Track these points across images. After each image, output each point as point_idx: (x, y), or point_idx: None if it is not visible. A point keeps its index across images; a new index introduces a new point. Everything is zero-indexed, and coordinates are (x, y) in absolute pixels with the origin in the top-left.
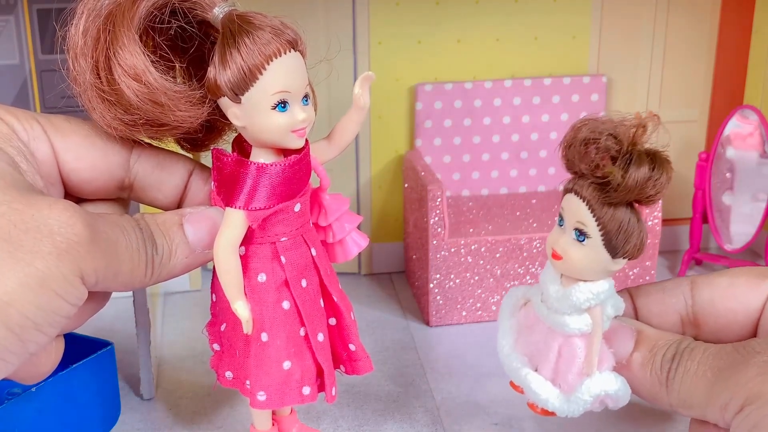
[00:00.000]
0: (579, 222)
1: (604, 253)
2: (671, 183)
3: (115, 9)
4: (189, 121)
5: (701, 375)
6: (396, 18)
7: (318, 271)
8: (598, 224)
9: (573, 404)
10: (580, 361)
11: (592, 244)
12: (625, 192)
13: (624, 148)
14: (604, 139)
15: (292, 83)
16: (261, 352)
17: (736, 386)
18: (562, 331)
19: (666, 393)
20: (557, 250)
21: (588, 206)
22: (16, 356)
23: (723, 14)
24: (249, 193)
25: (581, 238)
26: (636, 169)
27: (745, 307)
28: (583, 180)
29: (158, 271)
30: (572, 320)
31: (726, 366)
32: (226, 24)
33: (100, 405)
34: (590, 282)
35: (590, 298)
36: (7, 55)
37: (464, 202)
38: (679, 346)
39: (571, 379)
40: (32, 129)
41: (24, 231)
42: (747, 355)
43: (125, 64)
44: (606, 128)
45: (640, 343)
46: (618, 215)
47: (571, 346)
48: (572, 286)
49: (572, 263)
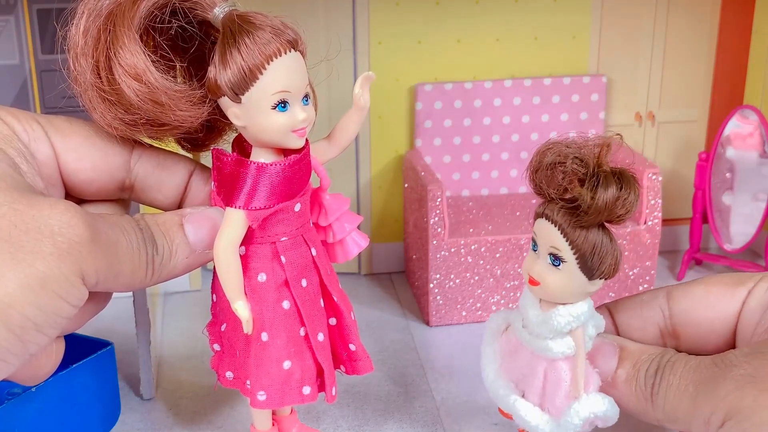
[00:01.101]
0: (553, 247)
1: (580, 276)
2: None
3: (115, 9)
4: (189, 120)
5: (683, 389)
6: (396, 18)
7: (318, 270)
8: (571, 248)
9: (563, 429)
10: (566, 385)
11: (567, 268)
12: (596, 214)
13: (590, 170)
14: (569, 162)
15: (292, 83)
16: (261, 351)
17: (716, 400)
18: (545, 356)
19: (652, 408)
20: (534, 276)
21: (560, 231)
22: (16, 357)
23: (723, 14)
24: (249, 192)
25: (556, 262)
26: (604, 191)
27: (722, 315)
28: (553, 204)
29: (159, 271)
30: (555, 344)
31: (706, 379)
32: (227, 24)
33: (100, 405)
34: (569, 305)
35: (571, 321)
36: (7, 55)
37: (464, 202)
38: (661, 360)
39: (559, 403)
40: (33, 130)
41: (25, 232)
42: (725, 368)
43: (126, 64)
44: (571, 151)
45: (623, 359)
46: (591, 237)
47: (556, 370)
48: (552, 310)
49: (549, 288)
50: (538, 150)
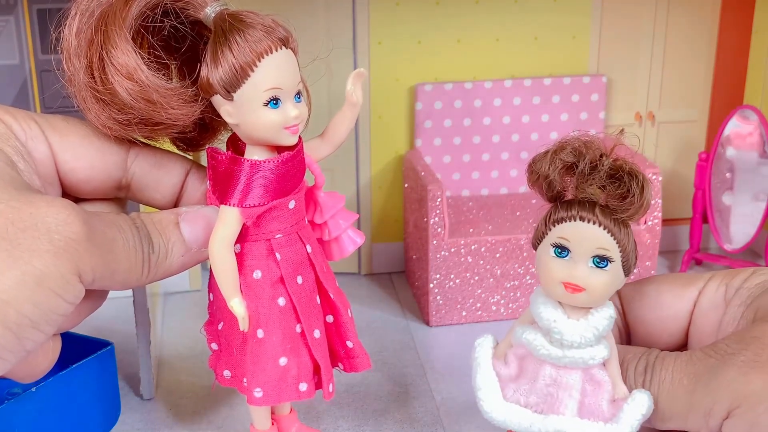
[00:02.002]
0: (600, 248)
1: (621, 275)
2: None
3: (107, 9)
4: (182, 119)
5: (677, 383)
6: (396, 18)
7: (314, 268)
8: (618, 246)
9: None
10: (609, 387)
11: (613, 268)
12: (643, 210)
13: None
14: (606, 161)
15: (283, 80)
16: (257, 348)
17: (719, 390)
18: (584, 365)
19: None
20: (577, 283)
21: (607, 230)
22: (13, 354)
23: (723, 14)
24: (243, 190)
25: (603, 264)
26: (648, 186)
27: (673, 315)
28: (586, 205)
29: (155, 269)
30: (596, 351)
31: (702, 371)
32: (218, 23)
33: (100, 405)
34: (603, 307)
35: (610, 323)
36: (7, 55)
37: (464, 202)
38: (648, 357)
39: (606, 408)
40: (30, 129)
41: (22, 229)
42: (722, 357)
43: (117, 63)
44: (595, 149)
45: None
46: (630, 234)
47: (593, 378)
48: (589, 315)
49: (597, 291)
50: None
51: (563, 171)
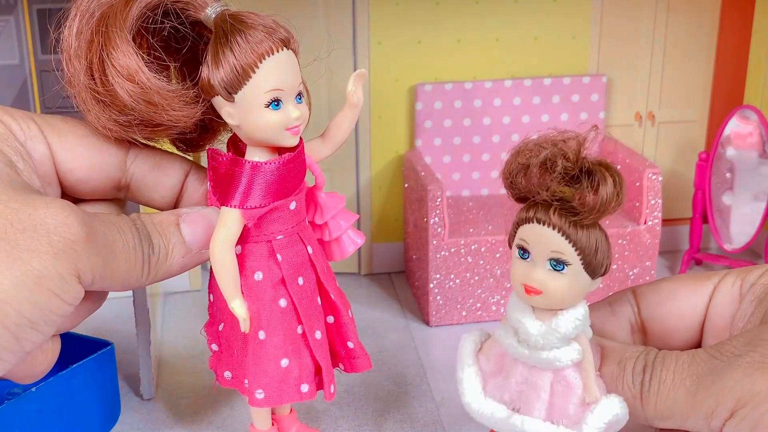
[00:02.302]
0: (555, 251)
1: (584, 277)
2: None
3: (107, 10)
4: (183, 120)
5: (679, 384)
6: (396, 18)
7: (315, 269)
8: (575, 249)
9: None
10: (579, 391)
11: (572, 271)
12: (600, 211)
13: (577, 167)
14: (560, 161)
15: (284, 81)
16: (258, 350)
17: (722, 391)
18: (551, 367)
19: (641, 406)
20: (534, 285)
21: (561, 233)
22: (12, 354)
23: (723, 14)
24: (244, 191)
25: (559, 267)
26: (604, 186)
27: (689, 310)
28: (543, 207)
29: (155, 270)
30: (562, 353)
31: (706, 372)
32: (219, 24)
33: (100, 405)
34: (571, 309)
35: (578, 325)
36: (7, 55)
37: (464, 202)
38: (647, 357)
39: (573, 412)
40: (29, 129)
41: (21, 230)
42: (728, 359)
43: (118, 65)
44: (551, 150)
45: (605, 358)
46: (592, 236)
47: (564, 379)
48: (554, 317)
49: (554, 295)
50: (512, 153)
51: (521, 172)
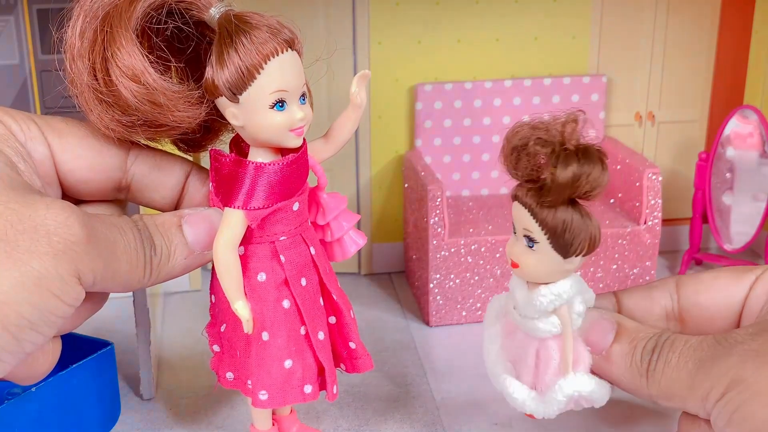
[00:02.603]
0: (525, 229)
1: (554, 255)
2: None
3: (112, 10)
4: (187, 121)
5: (682, 366)
6: (396, 18)
7: (317, 269)
8: (541, 228)
9: (547, 405)
10: (555, 363)
11: (541, 249)
12: (558, 192)
13: (555, 149)
14: (531, 144)
15: (289, 82)
16: (262, 351)
17: (718, 375)
18: (535, 336)
19: (646, 384)
20: (513, 259)
21: (530, 211)
22: (12, 356)
23: (723, 14)
24: (247, 192)
25: (530, 244)
26: (563, 169)
27: (728, 299)
28: (523, 186)
29: (157, 272)
30: (541, 323)
31: (707, 357)
32: (223, 24)
33: (100, 405)
34: (550, 284)
35: (553, 300)
36: (7, 55)
37: (464, 202)
38: (659, 338)
39: (548, 381)
40: (29, 130)
41: (21, 231)
42: (729, 345)
43: (123, 65)
44: (534, 133)
45: (620, 335)
46: (559, 216)
47: (546, 349)
48: (534, 290)
49: (527, 269)
50: (506, 134)
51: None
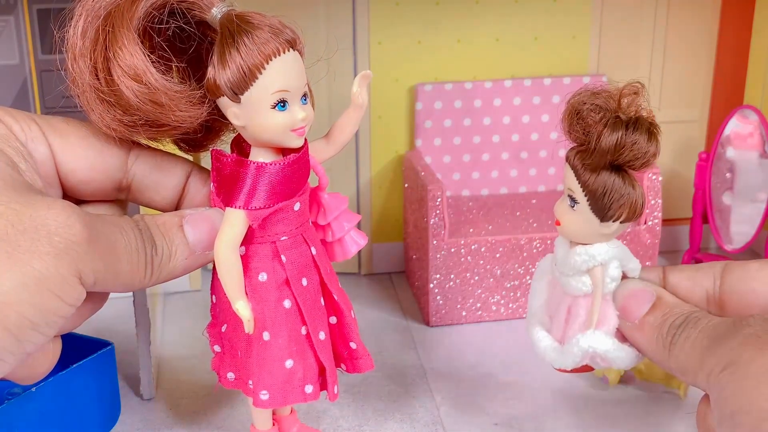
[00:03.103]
0: (568, 188)
1: (592, 218)
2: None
3: (113, 10)
4: (189, 121)
5: (698, 342)
6: (396, 18)
7: (318, 269)
8: (582, 189)
9: (565, 356)
10: (581, 319)
11: (580, 209)
12: (600, 155)
13: (606, 115)
14: (586, 108)
15: (291, 82)
16: (263, 351)
17: (721, 354)
18: (569, 292)
19: (668, 357)
20: (557, 216)
21: (574, 172)
22: (13, 356)
23: (723, 14)
24: (249, 192)
25: (572, 203)
26: (609, 134)
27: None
28: (573, 148)
29: (158, 272)
30: (575, 281)
31: (719, 336)
32: (225, 24)
33: (100, 405)
34: (588, 245)
35: (587, 260)
36: (7, 55)
37: (464, 202)
38: (690, 315)
39: (571, 335)
40: (30, 130)
41: (22, 231)
42: (740, 327)
43: (125, 65)
44: (592, 99)
45: (655, 308)
46: (601, 179)
47: (576, 306)
48: (573, 249)
49: (566, 228)
50: (567, 101)
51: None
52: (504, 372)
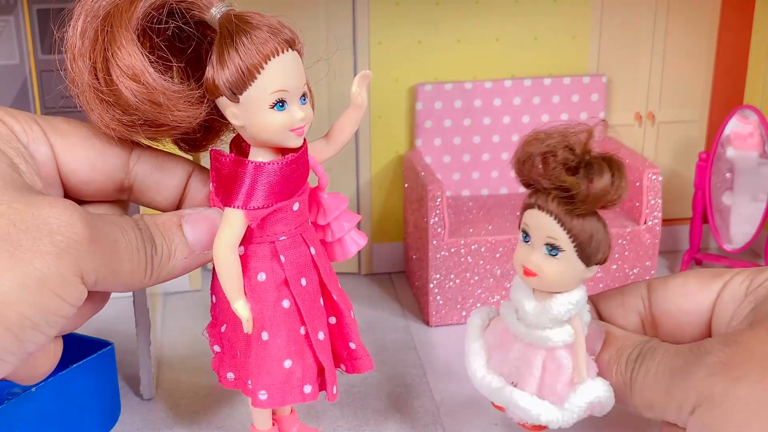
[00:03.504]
0: (550, 237)
1: (578, 264)
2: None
3: (112, 10)
4: (188, 120)
5: (660, 375)
6: (396, 18)
7: (317, 269)
8: (569, 237)
9: (567, 413)
10: (569, 372)
11: (565, 257)
12: (593, 201)
13: (580, 158)
14: (561, 152)
15: (290, 82)
16: (262, 351)
17: (688, 387)
18: (544, 346)
19: (630, 393)
20: (530, 267)
21: (557, 220)
22: (14, 356)
23: (723, 14)
24: (247, 192)
25: (554, 252)
26: (599, 178)
27: (697, 307)
28: (545, 194)
29: (158, 271)
30: (554, 333)
31: (681, 366)
32: (224, 24)
33: (100, 405)
34: (566, 293)
35: (570, 309)
36: (7, 55)
37: (464, 202)
38: (644, 346)
39: (560, 390)
40: (31, 131)
41: (23, 230)
42: (699, 355)
43: (123, 65)
44: (557, 141)
45: (607, 344)
46: (588, 225)
47: (556, 359)
48: (549, 299)
49: (547, 278)
50: (522, 141)
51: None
52: None
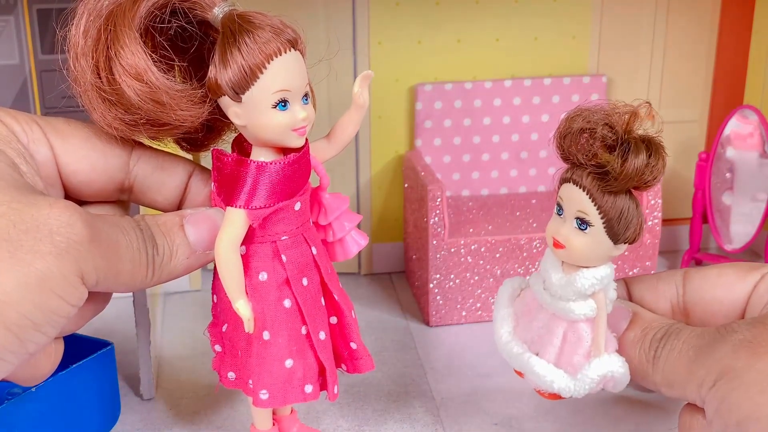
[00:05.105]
0: (580, 211)
1: (606, 240)
2: (666, 170)
3: (115, 9)
4: (190, 120)
5: (684, 353)
6: (396, 18)
7: (319, 269)
8: (599, 212)
9: (579, 383)
10: (587, 344)
11: (594, 232)
12: (625, 180)
13: (619, 137)
14: (600, 128)
15: (292, 82)
16: (263, 350)
17: (711, 363)
18: (566, 317)
19: (652, 371)
20: (559, 239)
21: (589, 195)
22: (15, 356)
23: (723, 14)
24: (249, 191)
25: (583, 226)
26: (634, 157)
27: (732, 297)
28: (581, 169)
29: (159, 271)
30: (577, 306)
31: (706, 344)
32: (227, 23)
33: (100, 405)
34: (593, 268)
35: (594, 284)
36: (7, 55)
37: (464, 202)
38: (670, 327)
39: (577, 361)
40: (32, 131)
41: (24, 231)
42: (726, 334)
43: (126, 64)
44: (600, 117)
45: (634, 323)
46: (618, 203)
47: (576, 331)
48: (575, 273)
49: (575, 251)
50: (566, 116)
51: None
52: (504, 372)
